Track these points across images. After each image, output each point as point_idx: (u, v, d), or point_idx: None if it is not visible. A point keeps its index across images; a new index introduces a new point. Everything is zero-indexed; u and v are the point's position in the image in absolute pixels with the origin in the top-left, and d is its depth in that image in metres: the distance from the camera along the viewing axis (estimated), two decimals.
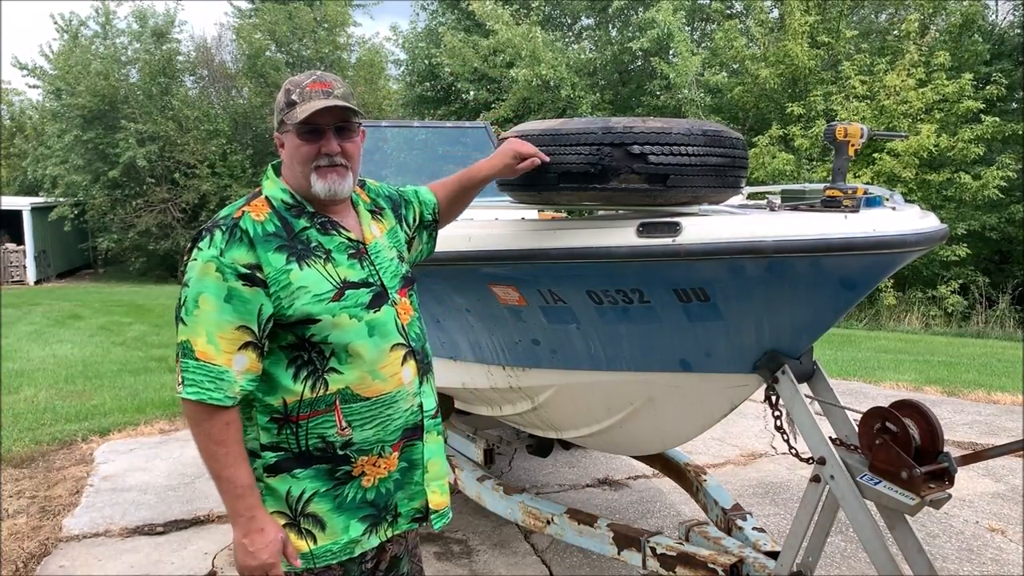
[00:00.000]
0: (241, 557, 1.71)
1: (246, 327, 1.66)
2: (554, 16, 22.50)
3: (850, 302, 2.23)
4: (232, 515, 1.70)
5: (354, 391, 1.76)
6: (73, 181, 25.11)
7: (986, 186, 13.80)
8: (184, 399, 1.66)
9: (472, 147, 4.72)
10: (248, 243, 1.69)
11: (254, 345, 1.68)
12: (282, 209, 1.78)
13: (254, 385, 1.71)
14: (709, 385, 2.52)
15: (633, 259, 2.21)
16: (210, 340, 1.64)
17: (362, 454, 1.79)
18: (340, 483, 1.78)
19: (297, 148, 1.79)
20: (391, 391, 1.81)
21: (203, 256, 1.67)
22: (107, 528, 4.13)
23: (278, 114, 1.82)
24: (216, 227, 1.71)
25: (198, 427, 1.67)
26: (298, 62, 26.26)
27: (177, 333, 1.69)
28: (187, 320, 1.66)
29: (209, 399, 1.64)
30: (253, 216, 1.74)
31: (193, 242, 1.73)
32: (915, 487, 2.12)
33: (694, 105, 17.75)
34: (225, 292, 1.65)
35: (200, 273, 1.66)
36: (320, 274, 1.74)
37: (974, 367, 8.59)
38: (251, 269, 1.67)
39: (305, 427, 1.75)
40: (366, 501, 1.81)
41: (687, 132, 2.16)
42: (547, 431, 3.37)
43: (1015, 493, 4.49)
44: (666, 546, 2.78)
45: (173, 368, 7.17)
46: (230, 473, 1.68)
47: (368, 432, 1.78)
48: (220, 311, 1.65)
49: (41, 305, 16.40)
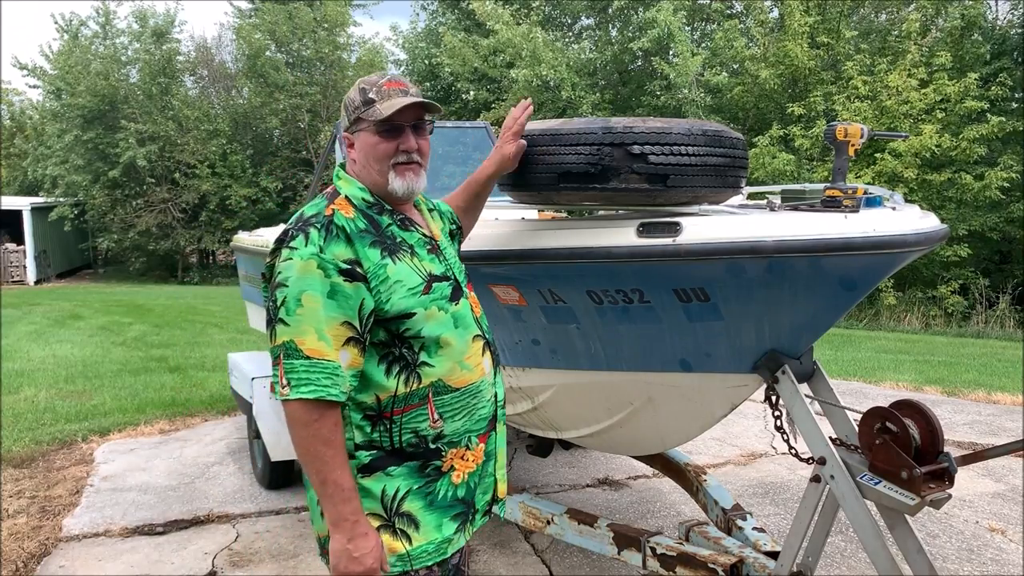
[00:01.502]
0: (345, 563, 1.67)
1: (349, 323, 1.65)
2: (554, 16, 22.53)
3: (850, 302, 2.23)
4: (335, 519, 1.66)
5: (445, 382, 1.77)
6: (73, 181, 25.15)
7: (988, 186, 13.81)
8: (295, 400, 1.61)
9: (472, 147, 4.72)
10: (346, 238, 1.68)
11: (356, 340, 1.66)
12: (364, 207, 1.79)
13: (356, 381, 1.69)
14: (709, 385, 2.52)
15: (633, 259, 2.21)
16: (321, 337, 1.61)
17: (452, 446, 1.79)
18: (432, 480, 1.78)
19: (375, 146, 1.80)
20: (476, 381, 1.83)
21: (301, 254, 1.64)
22: (107, 528, 4.13)
23: (352, 112, 1.81)
24: (309, 225, 1.68)
25: (306, 428, 1.62)
26: (298, 62, 26.30)
27: (274, 336, 1.65)
28: (289, 320, 1.62)
29: (327, 395, 1.61)
30: (344, 213, 1.73)
31: (280, 243, 1.70)
32: (915, 487, 2.12)
33: (694, 105, 17.76)
34: (328, 288, 1.63)
35: (300, 271, 1.63)
36: (410, 268, 1.75)
37: (974, 367, 8.60)
38: (351, 264, 1.66)
39: (399, 422, 1.74)
40: (457, 498, 1.81)
41: (687, 132, 2.16)
42: (547, 431, 3.37)
43: (1015, 493, 4.49)
44: (666, 546, 2.79)
45: (173, 368, 7.13)
46: (337, 476, 1.64)
47: (458, 423, 1.79)
48: (326, 307, 1.62)
49: (41, 305, 16.41)
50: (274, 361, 1.66)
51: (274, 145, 27.39)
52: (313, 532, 1.87)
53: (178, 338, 11.28)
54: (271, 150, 27.13)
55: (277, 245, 1.72)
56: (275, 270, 1.69)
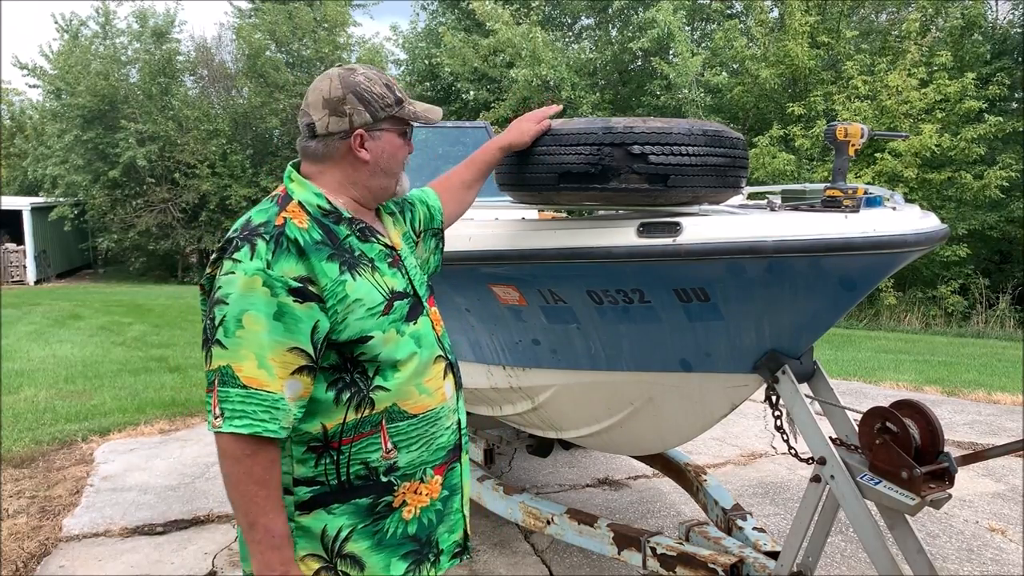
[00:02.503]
0: None
1: (299, 348, 1.47)
2: (554, 16, 22.53)
3: (850, 302, 2.23)
4: (262, 566, 1.49)
5: (401, 408, 1.61)
6: (73, 181, 25.14)
7: (988, 186, 13.81)
8: (226, 434, 1.44)
9: (472, 147, 4.70)
10: (298, 252, 1.50)
11: (309, 369, 1.50)
12: (318, 215, 1.60)
13: (301, 414, 1.51)
14: (709, 385, 2.52)
15: (633, 259, 2.21)
16: (261, 364, 1.44)
17: (405, 479, 1.64)
18: (380, 517, 1.62)
19: (400, 148, 1.71)
20: (436, 407, 1.68)
21: (245, 269, 1.46)
22: (107, 528, 4.13)
23: (383, 109, 1.64)
24: (256, 235, 1.50)
25: (238, 465, 1.45)
26: (298, 62, 26.29)
27: (210, 359, 1.47)
28: (227, 343, 1.44)
29: (264, 431, 1.44)
30: (297, 223, 1.55)
31: (221, 253, 1.52)
32: (915, 487, 2.12)
33: (694, 105, 17.76)
34: (275, 309, 1.46)
35: (243, 288, 1.45)
36: (371, 284, 1.59)
37: (974, 367, 8.60)
38: (303, 282, 1.49)
39: (347, 453, 1.58)
40: (407, 536, 1.65)
41: (687, 132, 2.15)
42: (547, 431, 3.37)
43: (1015, 493, 4.49)
44: (666, 546, 2.78)
45: (173, 368, 7.12)
46: (268, 520, 1.47)
47: (413, 453, 1.64)
48: (271, 331, 1.45)
49: (41, 305, 16.40)
50: (208, 387, 1.48)
51: (274, 145, 27.37)
52: (242, 571, 1.67)
53: (178, 338, 11.28)
54: (271, 150, 27.11)
55: (219, 255, 1.53)
56: (215, 283, 1.50)
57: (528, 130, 2.17)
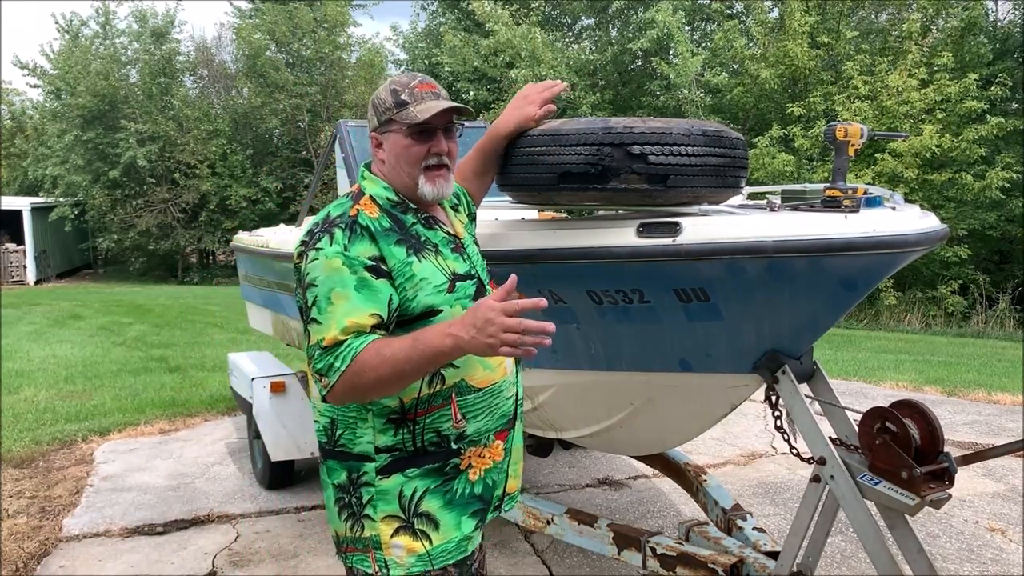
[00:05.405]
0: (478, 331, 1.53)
1: (377, 314, 1.65)
2: (554, 16, 22.54)
3: (850, 302, 2.23)
4: (443, 344, 1.57)
5: (468, 383, 1.77)
6: (73, 181, 25.16)
7: (988, 186, 13.80)
8: (337, 383, 1.60)
9: (472, 147, 4.72)
10: (370, 237, 1.69)
11: (382, 327, 1.66)
12: (388, 207, 1.80)
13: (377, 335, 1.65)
14: (709, 385, 2.52)
15: (633, 259, 2.21)
16: (339, 325, 1.61)
17: (472, 445, 1.80)
18: (449, 478, 1.79)
19: (407, 148, 1.80)
20: (499, 380, 1.84)
21: (327, 253, 1.66)
22: (107, 528, 4.13)
23: (383, 113, 1.81)
24: (333, 226, 1.70)
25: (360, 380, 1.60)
26: (298, 62, 26.30)
27: (309, 336, 1.67)
28: (321, 319, 1.64)
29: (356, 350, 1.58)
30: (368, 213, 1.75)
31: (306, 245, 1.71)
32: (915, 487, 2.12)
33: (694, 105, 17.76)
34: (356, 282, 1.64)
35: (327, 270, 1.65)
36: (435, 266, 1.76)
37: (974, 367, 8.60)
38: (376, 261, 1.67)
39: (422, 423, 1.75)
40: (474, 495, 1.82)
41: (687, 132, 2.15)
42: (547, 431, 3.37)
43: (1015, 493, 4.49)
44: (666, 546, 2.78)
45: (173, 368, 7.13)
46: (411, 351, 1.58)
47: (480, 423, 1.80)
48: (355, 299, 1.63)
49: (41, 305, 16.41)
50: (309, 359, 1.66)
51: (274, 145, 27.39)
52: (329, 531, 1.88)
53: (178, 338, 11.29)
54: (271, 150, 27.13)
55: (303, 247, 1.73)
56: (302, 272, 1.71)
57: (532, 114, 2.22)
